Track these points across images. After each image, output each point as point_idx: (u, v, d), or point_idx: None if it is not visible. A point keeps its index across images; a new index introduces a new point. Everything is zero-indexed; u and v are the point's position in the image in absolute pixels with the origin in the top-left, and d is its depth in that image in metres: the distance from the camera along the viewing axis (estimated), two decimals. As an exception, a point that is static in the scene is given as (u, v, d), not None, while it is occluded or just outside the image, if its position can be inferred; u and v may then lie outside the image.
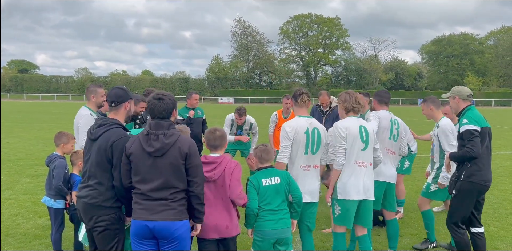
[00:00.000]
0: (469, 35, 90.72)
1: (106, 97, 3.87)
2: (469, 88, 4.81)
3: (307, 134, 4.42)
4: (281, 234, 3.98)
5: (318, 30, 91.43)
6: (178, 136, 3.42)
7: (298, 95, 4.60)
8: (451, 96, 4.74)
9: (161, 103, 3.45)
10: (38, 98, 78.20)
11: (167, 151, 3.36)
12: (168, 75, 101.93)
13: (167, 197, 3.37)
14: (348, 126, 4.44)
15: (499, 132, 21.88)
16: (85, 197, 3.62)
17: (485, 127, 4.50)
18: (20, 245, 5.53)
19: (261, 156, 4.15)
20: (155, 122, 3.44)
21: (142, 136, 3.43)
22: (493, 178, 9.89)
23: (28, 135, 18.29)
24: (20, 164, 11.41)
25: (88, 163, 3.70)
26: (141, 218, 3.38)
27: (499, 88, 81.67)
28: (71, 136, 5.19)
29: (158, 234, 3.38)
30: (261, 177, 4.05)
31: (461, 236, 4.60)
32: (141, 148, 3.39)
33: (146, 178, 3.39)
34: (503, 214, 7.17)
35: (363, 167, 4.46)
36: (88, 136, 3.74)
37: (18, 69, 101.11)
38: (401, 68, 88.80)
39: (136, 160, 3.41)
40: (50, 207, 5.00)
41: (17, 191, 8.39)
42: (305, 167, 4.47)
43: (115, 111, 3.78)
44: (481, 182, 4.49)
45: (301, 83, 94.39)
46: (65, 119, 27.84)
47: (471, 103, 4.71)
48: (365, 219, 4.56)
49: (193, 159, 3.42)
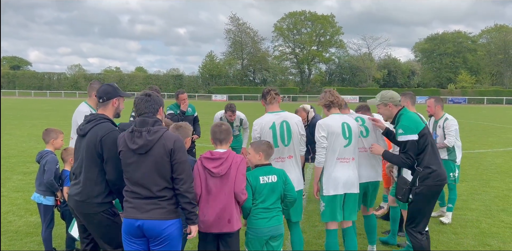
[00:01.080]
0: (462, 33, 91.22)
1: (95, 93, 3.88)
2: (396, 93, 4.67)
3: (273, 128, 4.51)
4: (274, 231, 4.00)
5: (312, 28, 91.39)
6: (163, 133, 3.37)
7: (266, 93, 4.71)
8: (382, 103, 4.61)
9: (148, 98, 3.46)
10: (30, 95, 77.65)
11: (151, 148, 3.32)
12: (162, 72, 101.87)
13: (155, 195, 3.33)
14: (329, 124, 4.51)
15: (491, 130, 22.03)
16: (76, 195, 3.61)
17: (424, 128, 4.42)
18: (11, 242, 5.49)
19: (268, 152, 4.13)
20: (140, 119, 3.42)
21: (127, 133, 3.42)
22: (485, 175, 10.12)
23: (20, 132, 18.16)
24: (11, 161, 11.33)
25: (77, 159, 3.69)
26: (130, 216, 3.35)
27: (491, 86, 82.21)
28: (59, 131, 5.18)
29: (147, 233, 3.35)
30: (259, 175, 4.03)
31: (420, 242, 4.44)
32: (127, 146, 3.37)
33: (133, 177, 3.36)
34: (494, 211, 7.21)
35: (345, 163, 4.55)
36: (77, 132, 3.72)
37: (10, 65, 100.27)
38: (394, 65, 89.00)
39: (123, 157, 3.40)
40: (40, 204, 4.97)
41: (8, 188, 8.34)
42: (279, 159, 4.53)
43: (103, 107, 3.79)
44: (437, 182, 4.38)
45: (295, 80, 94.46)
46: (57, 116, 27.70)
47: (402, 107, 4.64)
48: (350, 212, 4.64)
49: (178, 155, 3.35)
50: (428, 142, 4.41)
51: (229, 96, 75.28)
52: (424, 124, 4.51)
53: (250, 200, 3.97)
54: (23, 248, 5.32)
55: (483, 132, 20.90)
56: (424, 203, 4.41)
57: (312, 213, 7.03)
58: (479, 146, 15.53)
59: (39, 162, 5.01)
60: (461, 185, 9.13)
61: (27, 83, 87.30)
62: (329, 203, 4.51)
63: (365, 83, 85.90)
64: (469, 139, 17.50)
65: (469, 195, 8.28)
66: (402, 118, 4.49)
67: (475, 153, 13.81)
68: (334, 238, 4.56)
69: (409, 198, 4.44)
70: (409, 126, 4.38)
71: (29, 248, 5.31)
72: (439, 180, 4.39)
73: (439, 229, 6.20)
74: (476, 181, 9.64)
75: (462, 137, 17.87)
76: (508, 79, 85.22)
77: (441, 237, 5.90)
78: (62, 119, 24.83)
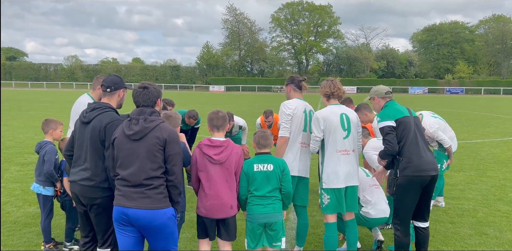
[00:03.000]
0: (460, 23, 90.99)
1: (102, 83, 3.89)
2: (387, 87, 4.72)
3: (305, 113, 4.74)
4: (269, 218, 4.01)
5: (309, 18, 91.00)
6: (159, 123, 3.43)
7: (298, 81, 4.99)
8: (371, 98, 4.73)
9: (145, 91, 3.51)
10: (27, 86, 77.38)
11: (146, 135, 3.37)
12: (159, 63, 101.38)
13: (142, 183, 3.34)
14: (327, 116, 4.49)
15: (488, 120, 22.09)
16: (83, 180, 3.62)
17: (403, 117, 4.40)
18: (10, 233, 5.50)
19: (259, 141, 4.16)
20: (138, 109, 3.50)
21: (125, 122, 3.48)
22: (482, 165, 10.16)
23: (17, 123, 18.11)
24: (9, 152, 11.31)
25: (81, 146, 3.70)
26: (119, 204, 3.38)
27: (489, 76, 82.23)
28: (59, 122, 5.17)
29: (135, 222, 3.35)
30: (253, 162, 4.07)
31: (400, 237, 4.39)
32: (122, 132, 3.43)
33: (124, 162, 3.40)
34: (491, 200, 7.26)
35: (346, 155, 4.51)
36: (80, 119, 3.74)
37: (6, 56, 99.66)
38: (392, 56, 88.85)
39: (117, 144, 3.44)
40: (39, 194, 4.97)
41: (6, 179, 8.33)
42: (303, 144, 4.71)
43: (109, 96, 3.83)
44: (415, 173, 4.28)
45: (292, 71, 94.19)
46: (54, 107, 27.63)
47: (390, 99, 4.65)
48: (352, 203, 4.61)
49: (172, 146, 3.41)
50: (409, 131, 4.36)
51: (227, 87, 75.14)
52: (407, 114, 4.46)
53: (244, 189, 4.04)
54: (22, 238, 5.33)
55: (481, 122, 20.96)
56: (403, 194, 4.35)
57: (310, 203, 7.02)
58: (476, 136, 15.58)
59: (38, 153, 5.00)
60: (458, 175, 9.17)
61: (24, 74, 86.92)
62: (334, 195, 4.46)
63: (363, 74, 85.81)
64: (466, 129, 17.55)
65: (466, 185, 8.33)
66: (384, 109, 4.57)
67: (472, 143, 13.86)
68: (334, 232, 4.56)
69: (393, 190, 4.45)
70: (386, 113, 4.46)
71: (27, 239, 5.32)
72: (419, 171, 4.27)
73: (436, 218, 6.24)
74: (473, 171, 9.68)
75: (460, 127, 18.04)
76: (505, 69, 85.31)
77: (438, 226, 5.94)
78: (59, 110, 24.77)
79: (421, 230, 4.53)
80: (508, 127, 18.79)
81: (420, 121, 4.65)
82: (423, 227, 4.53)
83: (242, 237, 5.34)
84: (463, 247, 5.24)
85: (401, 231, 4.41)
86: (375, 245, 5.16)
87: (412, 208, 4.42)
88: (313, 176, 8.64)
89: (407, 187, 4.33)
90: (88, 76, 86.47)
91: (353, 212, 4.67)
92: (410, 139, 4.35)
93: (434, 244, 5.26)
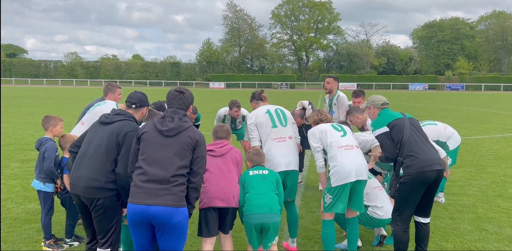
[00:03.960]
0: (460, 19, 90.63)
1: (128, 99, 3.99)
2: (384, 97, 4.78)
3: (268, 113, 4.95)
4: (265, 218, 4.02)
5: (309, 14, 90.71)
6: (191, 125, 3.56)
7: (258, 94, 5.31)
8: (367, 107, 4.85)
9: (181, 96, 3.62)
10: (27, 83, 77.27)
11: (180, 132, 3.45)
12: (159, 60, 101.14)
13: (168, 179, 3.32)
14: (319, 127, 4.78)
15: (488, 116, 22.08)
16: (86, 180, 3.62)
17: (396, 120, 4.47)
18: (10, 229, 5.51)
19: (254, 159, 4.42)
20: (172, 109, 3.59)
21: (157, 119, 3.56)
22: (482, 161, 10.16)
23: (17, 120, 18.11)
24: (9, 149, 11.31)
25: (90, 143, 3.71)
26: (139, 202, 3.30)
27: (489, 72, 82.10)
28: (59, 118, 5.17)
29: (156, 220, 3.31)
30: (249, 170, 4.33)
31: (399, 232, 4.40)
32: (155, 127, 3.48)
33: (152, 156, 3.39)
34: (491, 196, 7.27)
35: (350, 150, 4.56)
36: (101, 120, 3.78)
37: (6, 53, 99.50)
38: (392, 52, 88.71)
39: (146, 138, 3.46)
40: (40, 191, 4.97)
41: (6, 176, 8.34)
42: (281, 139, 4.84)
43: (133, 111, 3.94)
44: (419, 170, 4.26)
45: (292, 68, 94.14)
46: (54, 104, 27.62)
47: (384, 108, 4.72)
48: (357, 202, 4.59)
49: (201, 148, 3.51)
50: (403, 132, 4.39)
51: (227, 83, 75.06)
52: (399, 117, 4.52)
53: (242, 198, 4.14)
54: (22, 235, 5.34)
55: (481, 118, 20.95)
56: (407, 191, 4.34)
57: (310, 199, 7.07)
58: (476, 133, 15.57)
59: (38, 149, 5.00)
60: (458, 171, 9.18)
61: (24, 71, 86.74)
62: (336, 194, 4.44)
63: (363, 70, 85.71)
64: (466, 126, 17.54)
65: (465, 181, 8.33)
66: (377, 117, 4.66)
67: (472, 139, 13.86)
68: (331, 228, 4.57)
69: (396, 191, 4.42)
70: (378, 121, 4.57)
71: (28, 235, 5.33)
72: (421, 168, 4.26)
73: (436, 214, 6.25)
74: (473, 167, 9.69)
75: (460, 123, 18.06)
76: (506, 65, 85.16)
77: (437, 222, 5.95)
78: (59, 107, 24.77)
79: (422, 226, 4.52)
80: (508, 123, 18.78)
81: (417, 122, 4.66)
82: (424, 222, 4.52)
83: (243, 233, 5.36)
84: (462, 242, 5.25)
85: (400, 227, 4.40)
86: (377, 240, 5.17)
87: (414, 205, 4.42)
88: (313, 172, 8.67)
89: (411, 185, 4.32)
90: (88, 73, 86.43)
91: (356, 211, 4.67)
92: (407, 139, 4.37)
93: (434, 240, 5.27)
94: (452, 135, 6.63)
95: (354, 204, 4.58)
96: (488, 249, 5.07)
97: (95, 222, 3.71)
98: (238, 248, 4.95)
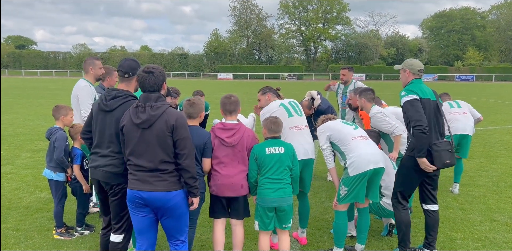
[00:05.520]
0: (471, 9, 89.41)
1: (118, 68, 3.83)
2: (422, 64, 4.55)
3: (282, 105, 4.84)
4: (280, 202, 4.04)
5: (318, 5, 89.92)
6: (165, 109, 3.41)
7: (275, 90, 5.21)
8: (402, 69, 4.60)
9: (151, 76, 3.44)
10: (36, 74, 77.72)
11: (154, 123, 3.36)
12: (167, 51, 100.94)
13: (157, 168, 3.39)
14: (328, 125, 4.76)
15: (498, 107, 21.88)
16: (107, 166, 3.64)
17: (426, 99, 4.30)
18: (22, 218, 5.58)
19: (271, 127, 4.19)
20: (144, 95, 3.46)
21: (132, 108, 3.46)
22: (492, 152, 10.09)
23: (27, 111, 18.25)
24: (20, 139, 11.42)
25: (102, 133, 3.69)
26: (134, 188, 3.43)
27: (500, 63, 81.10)
28: (69, 108, 5.21)
29: (151, 204, 3.43)
30: (265, 146, 4.10)
31: (398, 212, 4.43)
32: (131, 121, 3.42)
33: (136, 150, 3.42)
34: (502, 187, 7.22)
35: (364, 140, 4.58)
36: (101, 108, 3.70)
37: (15, 45, 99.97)
38: (401, 43, 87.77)
39: (127, 132, 3.45)
40: (51, 180, 5.01)
41: (18, 165, 8.43)
42: (298, 127, 4.78)
43: (127, 82, 3.79)
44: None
45: (300, 58, 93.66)
46: (63, 95, 27.76)
47: (420, 77, 4.53)
48: (374, 191, 4.59)
49: (180, 131, 3.39)
50: (431, 114, 4.29)
51: (234, 75, 74.90)
52: (430, 97, 4.36)
53: (254, 172, 4.09)
54: (34, 223, 5.40)
55: (491, 109, 20.76)
56: (410, 173, 4.35)
57: (318, 189, 7.07)
58: (487, 123, 15.44)
59: (48, 139, 5.04)
60: (468, 162, 9.12)
61: (33, 63, 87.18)
62: (354, 184, 4.41)
63: (372, 61, 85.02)
64: (477, 117, 17.38)
65: (476, 172, 8.28)
66: (410, 85, 4.42)
67: (483, 130, 13.75)
68: (344, 219, 4.57)
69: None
70: (412, 89, 4.33)
71: (39, 224, 5.39)
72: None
73: (446, 205, 6.23)
74: (484, 158, 9.62)
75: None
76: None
77: (448, 212, 5.93)
78: (68, 98, 24.85)
79: (431, 213, 4.52)
80: (519, 114, 18.60)
81: (441, 107, 4.50)
82: (433, 210, 4.52)
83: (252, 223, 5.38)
84: (473, 233, 5.23)
85: (398, 208, 4.43)
86: (386, 230, 5.16)
87: (414, 187, 4.46)
88: (320, 163, 8.65)
89: (415, 168, 4.30)
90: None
91: (369, 200, 4.68)
92: (434, 120, 4.33)
93: (444, 231, 5.26)
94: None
95: (371, 193, 4.58)
96: (498, 239, 5.05)
97: (111, 207, 3.75)
98: (248, 237, 4.97)
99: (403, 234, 4.43)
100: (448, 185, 7.21)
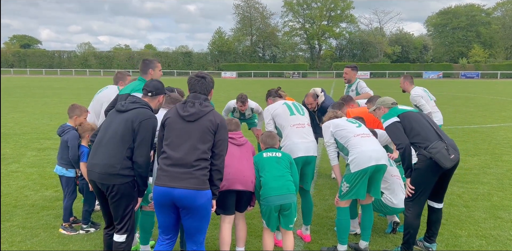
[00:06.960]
0: (476, 6, 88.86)
1: (144, 87, 4.01)
2: (393, 98, 4.79)
3: (285, 104, 5.07)
4: (284, 199, 4.07)
5: (322, 2, 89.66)
6: (212, 109, 3.64)
7: (275, 91, 5.47)
8: (377, 108, 4.83)
9: (203, 80, 3.69)
10: (41, 73, 77.99)
11: (200, 117, 3.53)
12: (171, 50, 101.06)
13: (191, 164, 3.43)
14: (333, 122, 4.81)
15: (504, 104, 21.77)
16: (102, 167, 3.66)
17: (406, 112, 4.54)
18: (28, 215, 5.63)
19: (266, 141, 4.50)
20: (193, 94, 3.67)
21: (179, 104, 3.64)
22: (498, 149, 10.06)
23: (32, 110, 18.35)
24: (25, 138, 11.48)
25: (106, 130, 3.76)
26: (163, 184, 3.44)
27: (506, 60, 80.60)
28: (84, 109, 5.27)
29: (179, 202, 3.44)
30: (262, 152, 4.38)
31: (411, 218, 4.40)
32: (177, 113, 3.57)
33: (175, 142, 3.50)
34: (506, 185, 7.20)
35: (367, 137, 4.61)
36: (117, 107, 3.82)
37: (20, 44, 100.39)
38: (406, 40, 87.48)
39: (169, 123, 3.57)
40: (62, 176, 5.11)
41: (23, 164, 8.49)
42: (300, 125, 4.90)
43: (149, 99, 3.97)
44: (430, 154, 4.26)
45: (305, 56, 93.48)
46: (68, 94, 27.89)
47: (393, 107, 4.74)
48: (376, 188, 4.60)
49: (222, 132, 3.59)
50: (415, 121, 4.43)
51: (238, 73, 74.86)
52: (407, 110, 4.58)
53: (257, 181, 4.22)
54: (40, 221, 5.45)
55: (496, 106, 20.66)
56: (422, 177, 4.33)
57: (322, 187, 7.08)
58: (492, 121, 15.38)
59: (60, 135, 5.11)
60: (473, 159, 9.10)
61: (38, 62, 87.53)
62: (356, 180, 4.43)
63: (376, 59, 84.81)
64: (482, 114, 17.33)
65: (480, 169, 8.26)
66: (387, 112, 4.69)
67: (488, 128, 13.70)
68: (346, 216, 4.58)
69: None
70: (387, 114, 4.61)
71: (45, 221, 5.44)
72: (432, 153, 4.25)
73: (450, 202, 6.22)
74: (488, 155, 9.59)
75: (475, 111, 17.88)
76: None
77: (452, 210, 5.93)
78: (73, 97, 25.00)
79: (435, 211, 4.56)
80: (524, 112, 18.50)
81: (428, 116, 4.70)
82: (438, 207, 4.55)
83: (255, 220, 5.41)
84: (477, 230, 5.23)
85: (412, 213, 4.41)
86: (390, 227, 5.17)
87: (429, 191, 4.41)
88: (324, 160, 8.66)
89: (425, 171, 4.31)
90: (101, 63, 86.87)
91: (372, 197, 4.68)
92: (421, 127, 4.38)
93: (448, 228, 5.26)
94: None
95: (373, 190, 4.59)
96: (503, 237, 5.05)
97: (111, 208, 3.76)
98: (251, 234, 4.99)
99: (409, 236, 4.44)
100: (452, 182, 7.19)
